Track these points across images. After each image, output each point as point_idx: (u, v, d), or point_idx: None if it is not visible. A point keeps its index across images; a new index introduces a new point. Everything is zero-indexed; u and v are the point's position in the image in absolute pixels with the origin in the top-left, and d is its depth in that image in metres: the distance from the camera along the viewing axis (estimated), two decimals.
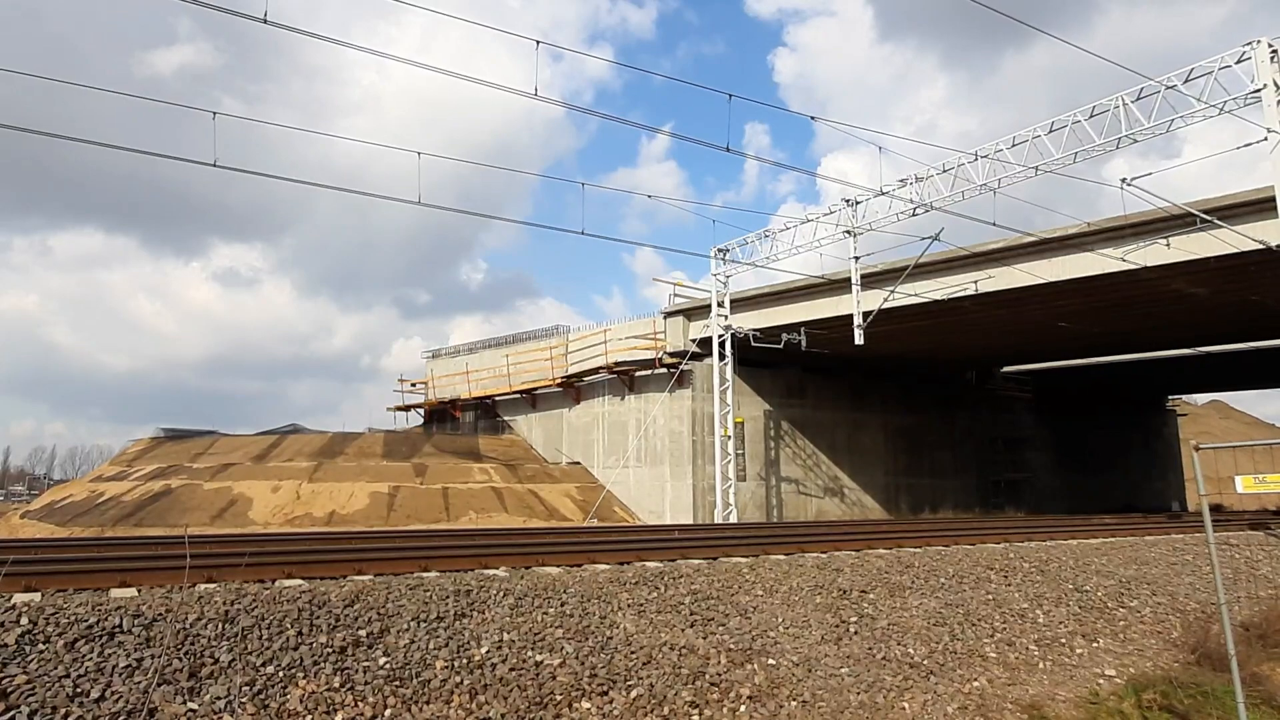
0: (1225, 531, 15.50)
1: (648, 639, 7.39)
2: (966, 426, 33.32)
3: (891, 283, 21.16)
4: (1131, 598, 11.34)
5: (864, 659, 8.19)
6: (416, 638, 6.44)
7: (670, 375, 26.13)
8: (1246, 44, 14.94)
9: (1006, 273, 20.58)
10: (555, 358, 31.20)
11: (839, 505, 29.11)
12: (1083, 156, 16.90)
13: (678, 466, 26.47)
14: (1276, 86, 14.64)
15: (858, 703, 7.42)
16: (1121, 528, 17.25)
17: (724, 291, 24.78)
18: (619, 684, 6.66)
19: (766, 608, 8.68)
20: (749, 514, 25.76)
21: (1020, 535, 14.32)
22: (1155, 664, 9.54)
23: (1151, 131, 16.09)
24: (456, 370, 36.29)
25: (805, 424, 28.76)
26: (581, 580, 8.22)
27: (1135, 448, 40.49)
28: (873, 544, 12.14)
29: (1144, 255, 18.31)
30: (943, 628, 9.23)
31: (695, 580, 8.87)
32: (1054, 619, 10.18)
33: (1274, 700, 8.89)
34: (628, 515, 27.10)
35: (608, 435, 29.16)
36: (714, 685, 7.02)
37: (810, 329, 23.60)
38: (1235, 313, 21.26)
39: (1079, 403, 37.30)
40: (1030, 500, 32.35)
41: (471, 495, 26.02)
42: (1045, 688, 8.53)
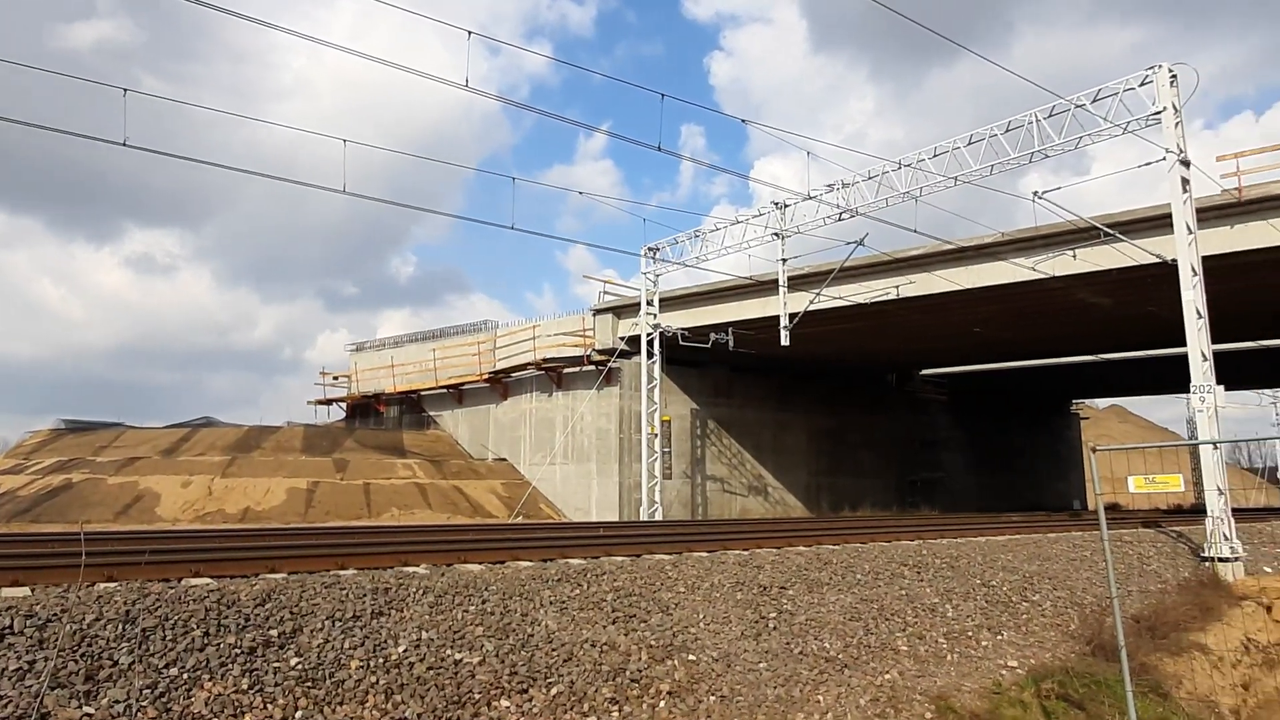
0: (1120, 529, 16.35)
1: (569, 636, 7.39)
2: (886, 427, 34.30)
3: (817, 285, 21.63)
4: (1034, 592, 11.87)
5: (782, 654, 8.36)
6: (331, 637, 6.29)
7: (599, 373, 26.15)
8: (1149, 68, 15.79)
9: (927, 279, 21.28)
10: (483, 353, 30.85)
11: (762, 503, 29.61)
12: (999, 169, 17.59)
13: (604, 464, 26.50)
14: (1175, 110, 15.52)
15: (774, 696, 7.58)
16: (1026, 525, 18.03)
17: (654, 290, 24.92)
18: (539, 681, 6.65)
19: (688, 604, 8.77)
20: (674, 512, 25.98)
21: (933, 533, 14.82)
22: (1054, 655, 10.01)
23: (1062, 148, 16.85)
24: (381, 364, 35.54)
25: (731, 423, 29.15)
26: (504, 578, 8.16)
27: (1041, 449, 42.39)
28: (793, 541, 12.39)
29: (1053, 265, 19.18)
30: (858, 622, 9.49)
31: (618, 577, 8.90)
32: (962, 613, 10.58)
33: (1160, 688, 9.44)
34: (554, 512, 27.01)
35: (535, 432, 29.00)
36: (634, 681, 7.06)
37: (738, 329, 23.93)
38: (1134, 322, 22.45)
39: (991, 405, 38.83)
40: (944, 499, 33.52)
41: (394, 492, 25.53)
42: (952, 679, 8.86)
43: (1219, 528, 14.51)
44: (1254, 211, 17.13)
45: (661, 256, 24.72)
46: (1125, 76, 16.10)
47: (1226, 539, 14.45)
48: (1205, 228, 16.21)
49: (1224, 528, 14.50)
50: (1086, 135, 16.55)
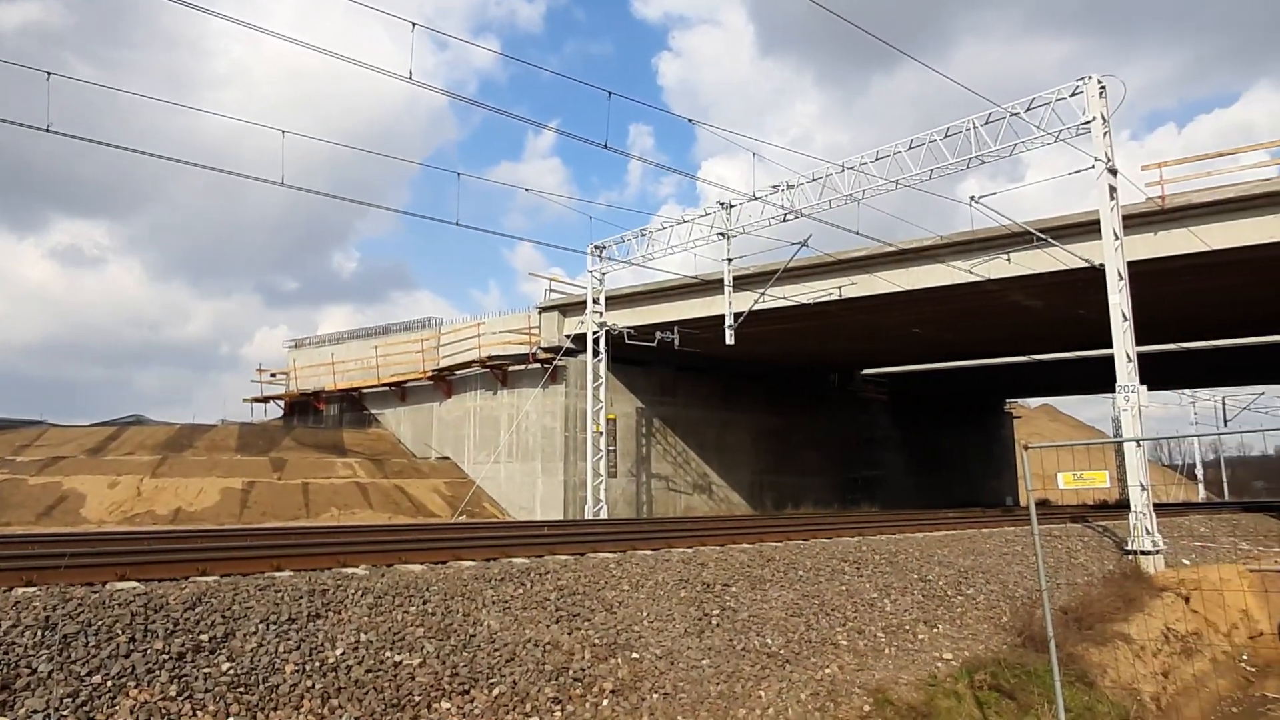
0: (1049, 524, 16.91)
1: (512, 636, 7.33)
2: (828, 426, 34.86)
3: (762, 285, 21.86)
4: (969, 586, 12.19)
5: (724, 650, 8.42)
6: (265, 641, 6.12)
7: (544, 371, 26.01)
8: (1079, 79, 16.35)
9: (868, 280, 21.68)
10: (427, 350, 30.41)
11: (707, 501, 29.82)
12: (938, 174, 18.02)
13: (549, 462, 26.38)
14: (1104, 120, 16.10)
15: (717, 693, 7.63)
16: (962, 522, 18.51)
17: (600, 289, 24.88)
18: (481, 682, 6.58)
19: (632, 602, 8.78)
20: (619, 510, 25.99)
21: (873, 529, 15.10)
22: (987, 647, 10.29)
23: (997, 154, 17.34)
24: (321, 361, 34.76)
25: (676, 422, 29.28)
26: (446, 578, 8.05)
27: (976, 447, 43.60)
28: (737, 539, 12.51)
29: (989, 269, 19.72)
30: (799, 618, 9.62)
31: (562, 576, 8.87)
32: (900, 607, 10.80)
33: (1086, 677, 9.79)
34: (498, 511, 26.77)
35: (479, 430, 28.71)
36: (577, 680, 7.04)
37: (683, 328, 24.04)
38: (1064, 324, 23.22)
39: (929, 405, 39.78)
40: (884, 496, 34.22)
41: (334, 491, 24.99)
42: (890, 672, 9.04)
43: (1141, 522, 15.12)
44: (1176, 219, 17.87)
45: (608, 255, 24.71)
46: (1057, 87, 16.67)
47: (1148, 533, 15.06)
48: (1131, 234, 16.88)
49: (1146, 522, 15.11)
50: (1021, 143, 17.06)
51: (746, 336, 22.12)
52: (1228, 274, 19.51)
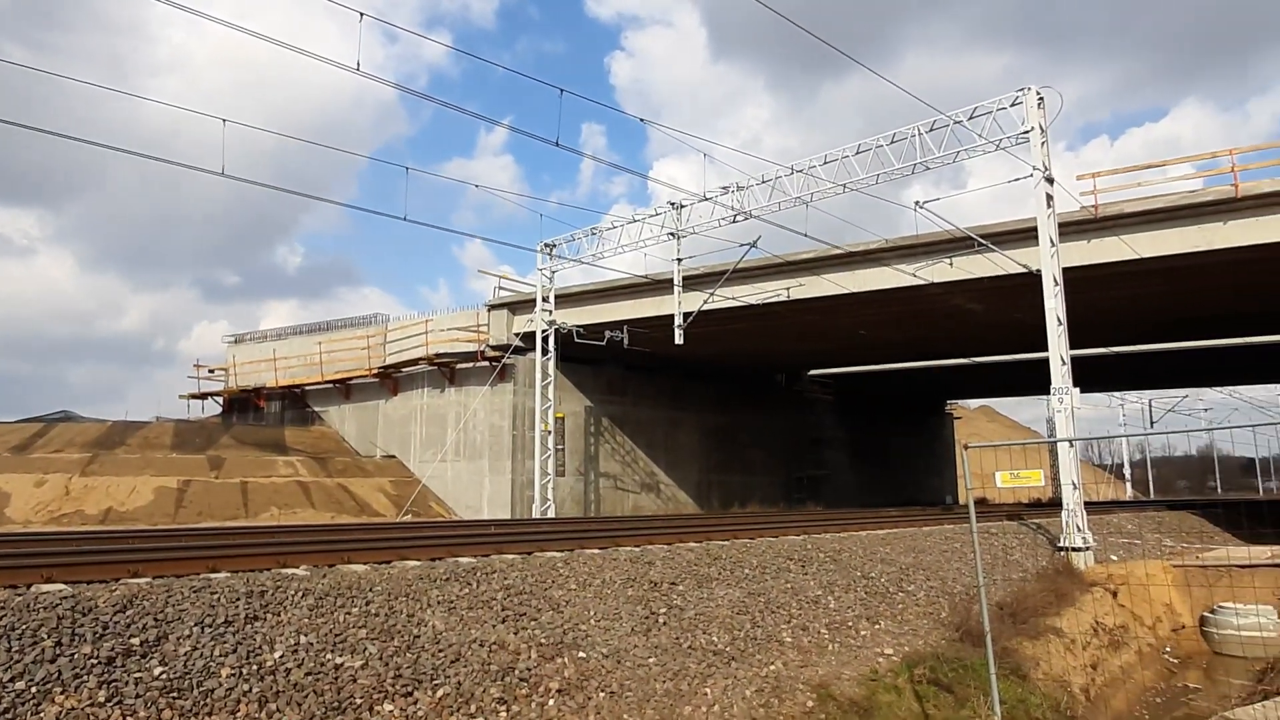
0: (987, 522, 17.38)
1: (457, 636, 7.26)
2: (776, 426, 35.28)
3: (711, 285, 22.01)
4: (909, 583, 12.46)
5: (671, 648, 8.46)
6: (200, 644, 5.95)
7: (492, 369, 25.80)
8: (1020, 90, 16.84)
9: (816, 281, 22.00)
10: (373, 347, 29.90)
11: (655, 500, 29.92)
12: (884, 178, 18.38)
13: (497, 461, 26.18)
14: (1042, 130, 16.61)
15: (663, 691, 7.66)
16: (904, 520, 18.91)
17: (550, 287, 24.78)
18: (425, 684, 6.50)
19: (579, 601, 8.77)
20: (567, 509, 25.93)
21: (818, 528, 15.32)
22: (926, 642, 10.53)
23: (941, 161, 17.76)
24: (263, 357, 33.90)
25: (625, 421, 29.32)
26: (390, 578, 7.93)
27: (918, 447, 44.58)
28: (684, 538, 12.57)
29: (932, 272, 20.18)
30: (745, 616, 9.71)
31: (509, 575, 8.81)
32: (844, 604, 10.99)
33: (1020, 670, 10.09)
34: (445, 511, 26.47)
35: (426, 428, 28.34)
36: (523, 680, 7.00)
37: (633, 327, 24.08)
38: (1003, 328, 23.88)
39: (873, 405, 40.53)
40: (829, 495, 34.76)
41: (274, 490, 24.41)
42: (833, 668, 9.19)
43: (1073, 520, 15.64)
44: (1108, 228, 18.53)
45: (558, 253, 24.62)
46: (998, 96, 17.14)
47: (1079, 530, 15.59)
48: (1066, 241, 17.43)
49: (1077, 520, 15.64)
50: (963, 150, 17.51)
51: (696, 336, 22.26)
52: (1155, 281, 20.30)
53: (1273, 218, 17.43)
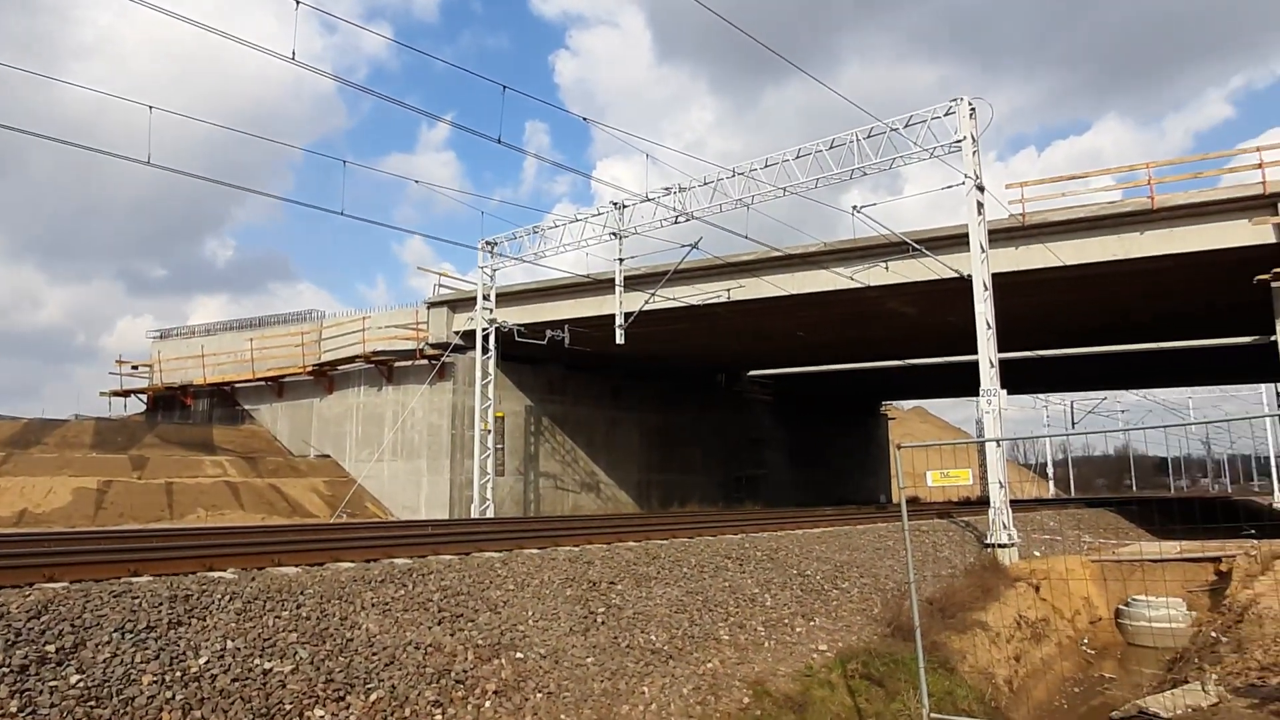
0: (918, 520, 17.86)
1: (392, 639, 7.15)
2: (715, 426, 35.60)
3: (653, 286, 22.10)
4: (844, 580, 12.72)
5: (609, 648, 8.48)
6: (120, 651, 5.73)
7: (431, 367, 25.44)
8: (953, 100, 17.34)
9: (756, 283, 22.27)
10: (307, 344, 29.18)
11: (594, 500, 29.89)
12: (823, 183, 18.71)
13: (435, 460, 25.83)
14: (973, 139, 17.13)
15: (601, 690, 7.68)
16: (839, 518, 19.29)
17: (491, 285, 24.55)
18: (358, 688, 6.38)
19: (517, 602, 8.72)
20: (506, 509, 25.73)
21: (755, 527, 15.53)
22: (859, 637, 10.77)
23: (878, 167, 18.17)
24: (190, 353, 32.76)
25: (565, 420, 29.23)
26: (322, 580, 7.77)
27: (854, 447, 45.50)
28: (623, 537, 12.61)
29: (868, 276, 20.64)
30: (683, 614, 9.79)
31: (446, 576, 8.71)
32: (780, 602, 11.16)
33: (948, 664, 10.40)
34: (381, 511, 25.99)
35: (362, 427, 27.78)
36: (459, 683, 6.93)
37: (574, 327, 24.02)
38: (936, 331, 24.55)
39: (810, 406, 41.23)
40: (767, 494, 35.23)
41: (201, 491, 23.62)
42: (769, 664, 9.33)
43: (999, 517, 16.17)
44: (1035, 235, 19.22)
45: (500, 251, 24.40)
46: (933, 106, 17.62)
47: (1005, 527, 16.12)
48: (995, 248, 18.01)
49: (1003, 517, 16.18)
50: (899, 157, 17.94)
51: (637, 336, 22.32)
52: (1078, 288, 21.13)
53: (1186, 229, 18.31)
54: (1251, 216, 17.63)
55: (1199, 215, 18.18)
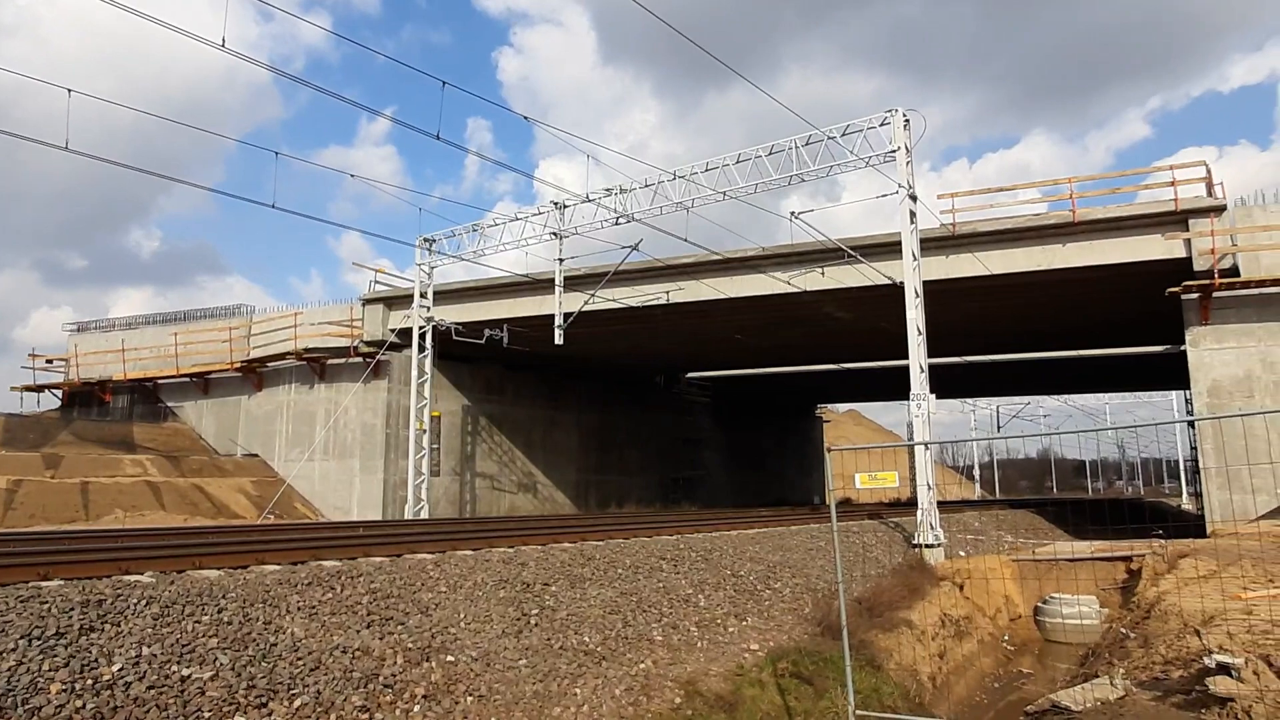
0: (850, 521, 18.24)
1: (318, 643, 6.99)
2: (653, 427, 35.76)
3: (592, 286, 22.09)
4: (776, 580, 12.91)
5: (542, 649, 8.44)
6: (27, 658, 5.48)
7: (366, 365, 24.95)
8: (888, 111, 17.77)
9: (695, 286, 22.46)
10: (235, 339, 28.29)
11: (532, 501, 29.73)
12: (763, 188, 18.97)
13: (369, 460, 25.34)
14: (907, 150, 17.58)
15: (532, 692, 7.64)
16: (773, 519, 19.58)
17: (428, 282, 24.20)
18: (281, 694, 6.22)
19: (449, 604, 8.61)
20: (442, 509, 25.40)
21: (691, 528, 15.64)
22: (790, 637, 10.94)
23: (816, 174, 18.51)
24: (110, 347, 31.44)
25: (503, 420, 29.00)
26: (246, 583, 7.55)
27: (790, 448, 46.22)
28: (559, 538, 12.57)
29: (805, 281, 21.01)
30: (617, 615, 9.81)
31: (376, 579, 8.55)
32: (713, 602, 11.27)
33: (875, 662, 10.65)
34: (311, 512, 25.37)
35: (292, 426, 27.08)
36: (388, 687, 6.82)
37: (513, 326, 23.86)
38: (870, 335, 25.12)
39: (748, 408, 41.74)
40: (704, 495, 35.54)
41: (120, 491, 22.69)
42: (701, 664, 9.42)
43: (927, 518, 16.63)
44: (964, 245, 19.83)
45: (438, 249, 24.08)
46: (869, 115, 18.04)
47: (932, 528, 16.59)
48: (927, 256, 18.52)
49: (930, 518, 16.65)
50: (836, 165, 18.30)
51: (576, 337, 22.28)
52: (1005, 296, 21.89)
53: (1104, 242, 19.14)
54: (1165, 232, 18.53)
55: (1117, 229, 19.02)
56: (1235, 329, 18.08)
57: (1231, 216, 18.26)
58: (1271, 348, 17.78)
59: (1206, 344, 18.29)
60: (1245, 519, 17.02)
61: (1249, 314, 17.99)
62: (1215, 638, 7.80)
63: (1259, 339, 17.90)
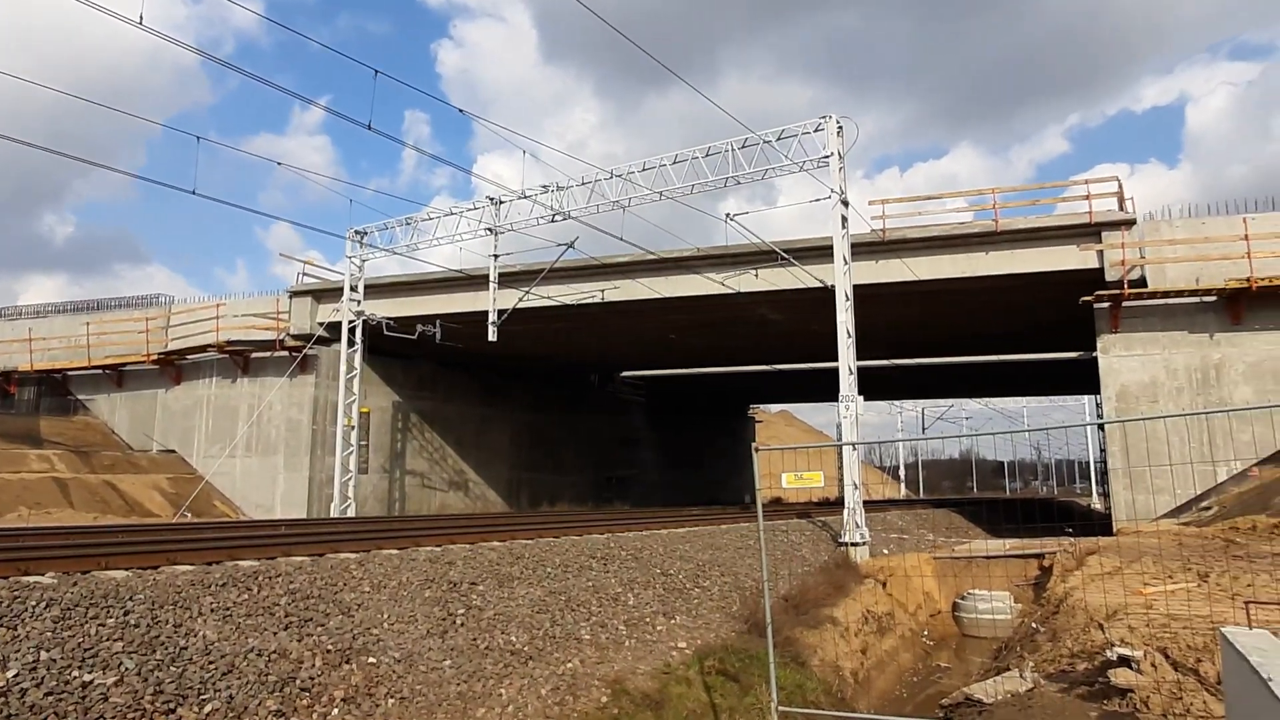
0: (780, 520, 18.54)
1: (232, 646, 6.76)
2: (587, 426, 35.69)
3: (528, 283, 21.93)
4: (705, 578, 13.03)
5: (468, 650, 8.34)
6: None
7: (292, 359, 24.26)
8: (823, 117, 18.09)
9: (630, 285, 22.49)
10: (153, 330, 27.19)
11: (463, 499, 29.36)
12: (699, 189, 19.10)
13: (294, 457, 24.65)
14: (840, 156, 17.93)
15: (456, 693, 7.54)
16: (704, 518, 19.75)
17: (359, 276, 23.67)
18: (191, 699, 6.00)
19: (372, 604, 8.44)
20: (369, 508, 24.88)
21: (622, 527, 15.65)
22: (718, 635, 11.05)
23: (751, 176, 18.72)
24: (16, 336, 29.85)
25: (435, 417, 28.57)
26: (155, 584, 7.26)
27: (723, 448, 46.69)
28: (488, 537, 12.43)
29: (739, 282, 21.25)
30: (545, 615, 9.75)
31: (295, 579, 8.32)
32: (642, 600, 11.31)
33: (800, 658, 10.84)
34: (231, 510, 24.55)
35: (213, 421, 26.16)
36: (305, 690, 6.63)
37: (447, 322, 23.52)
38: (802, 337, 25.56)
39: (682, 407, 42.02)
40: (637, 494, 35.63)
41: (24, 488, 21.57)
42: (629, 663, 9.43)
43: (853, 517, 17.01)
44: (893, 251, 20.35)
45: (370, 242, 23.56)
46: (804, 121, 18.33)
47: (858, 527, 16.98)
48: (858, 260, 18.91)
49: (856, 517, 17.03)
50: (772, 168, 18.55)
51: (511, 334, 22.08)
52: (932, 301, 22.53)
53: (1025, 251, 19.89)
54: (1080, 243, 19.34)
55: (1036, 239, 19.78)
56: (1142, 337, 19.00)
57: (1141, 230, 19.18)
58: (1174, 355, 18.74)
59: (1116, 351, 19.17)
60: (1148, 518, 17.91)
61: (1155, 323, 18.92)
62: (1117, 631, 8.18)
63: (1163, 347, 18.84)
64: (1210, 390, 18.36)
